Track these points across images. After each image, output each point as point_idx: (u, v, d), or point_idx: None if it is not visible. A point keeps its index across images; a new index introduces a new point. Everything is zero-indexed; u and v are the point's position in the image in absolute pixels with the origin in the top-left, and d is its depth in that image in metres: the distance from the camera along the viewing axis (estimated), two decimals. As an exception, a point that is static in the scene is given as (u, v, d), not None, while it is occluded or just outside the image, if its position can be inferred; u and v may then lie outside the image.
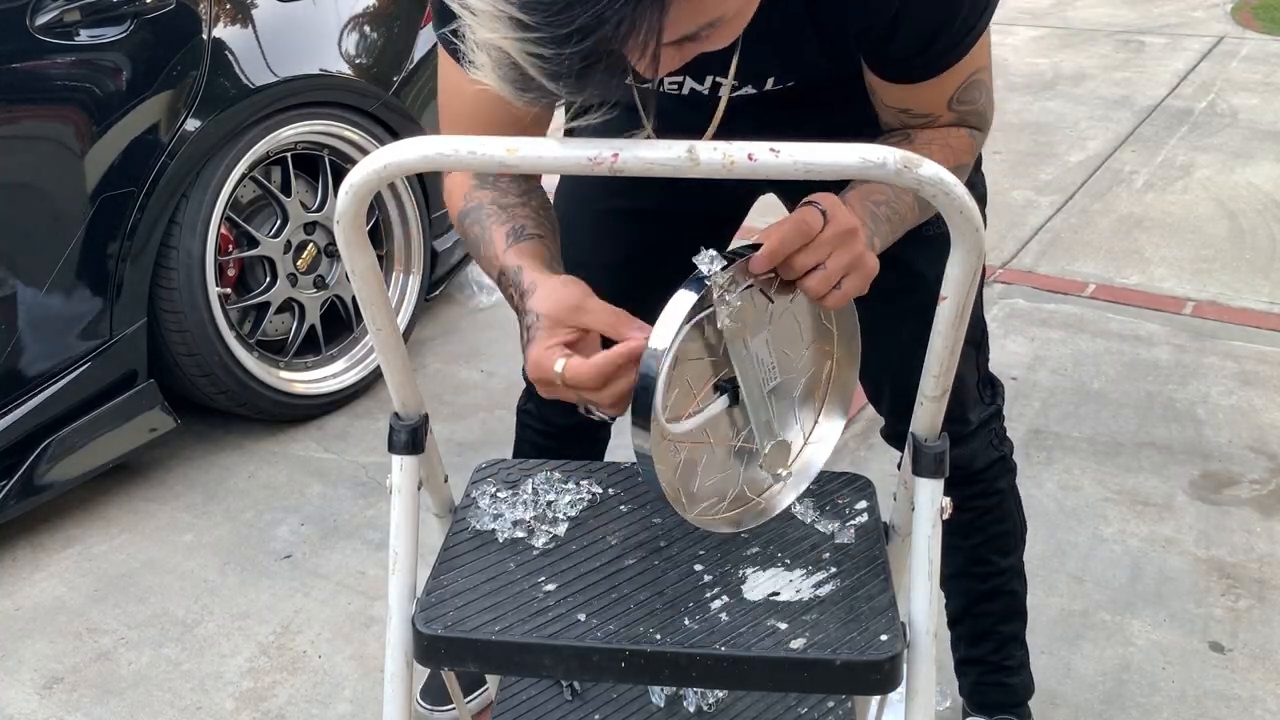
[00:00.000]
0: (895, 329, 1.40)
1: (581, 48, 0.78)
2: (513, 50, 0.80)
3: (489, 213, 1.17)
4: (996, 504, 1.60)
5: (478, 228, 1.17)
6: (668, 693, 1.41)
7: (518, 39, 0.78)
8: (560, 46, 0.78)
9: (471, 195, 1.19)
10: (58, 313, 2.33)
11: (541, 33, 0.77)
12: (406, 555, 1.16)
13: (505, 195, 1.19)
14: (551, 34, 0.77)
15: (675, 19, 0.83)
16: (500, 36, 0.79)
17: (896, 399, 1.47)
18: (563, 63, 0.79)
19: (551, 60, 0.79)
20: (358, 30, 2.82)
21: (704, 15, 0.86)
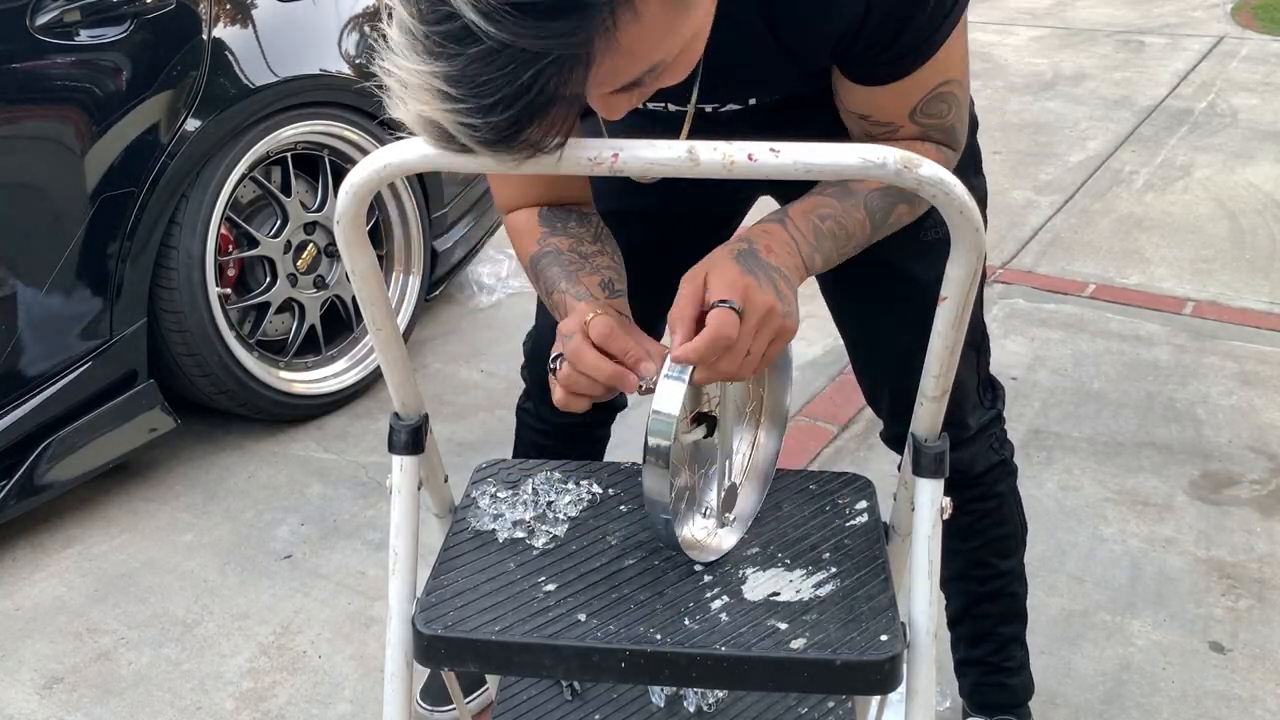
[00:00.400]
0: (894, 334, 1.40)
1: (508, 115, 0.80)
2: (444, 121, 0.82)
3: (570, 260, 1.18)
4: (996, 507, 1.60)
5: (557, 270, 1.18)
6: (668, 693, 1.41)
7: (446, 110, 0.80)
8: (487, 115, 0.80)
9: (547, 240, 1.21)
10: (58, 313, 2.33)
11: (468, 104, 0.79)
12: (406, 555, 1.16)
13: (582, 243, 1.21)
14: (478, 104, 0.79)
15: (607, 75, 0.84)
16: (430, 109, 0.81)
17: (895, 402, 1.47)
18: (491, 130, 0.81)
19: (480, 129, 0.81)
20: (358, 30, 2.82)
21: (640, 64, 0.86)
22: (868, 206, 1.12)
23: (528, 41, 0.77)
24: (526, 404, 1.72)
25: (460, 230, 3.13)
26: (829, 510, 1.25)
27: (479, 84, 0.78)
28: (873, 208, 1.12)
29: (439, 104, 0.80)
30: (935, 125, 1.16)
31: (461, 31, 0.77)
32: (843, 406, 2.78)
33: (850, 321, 1.49)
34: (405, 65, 0.80)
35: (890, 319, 1.41)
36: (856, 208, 1.11)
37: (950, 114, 1.16)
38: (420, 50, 0.79)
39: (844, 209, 1.11)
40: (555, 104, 0.81)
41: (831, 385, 2.89)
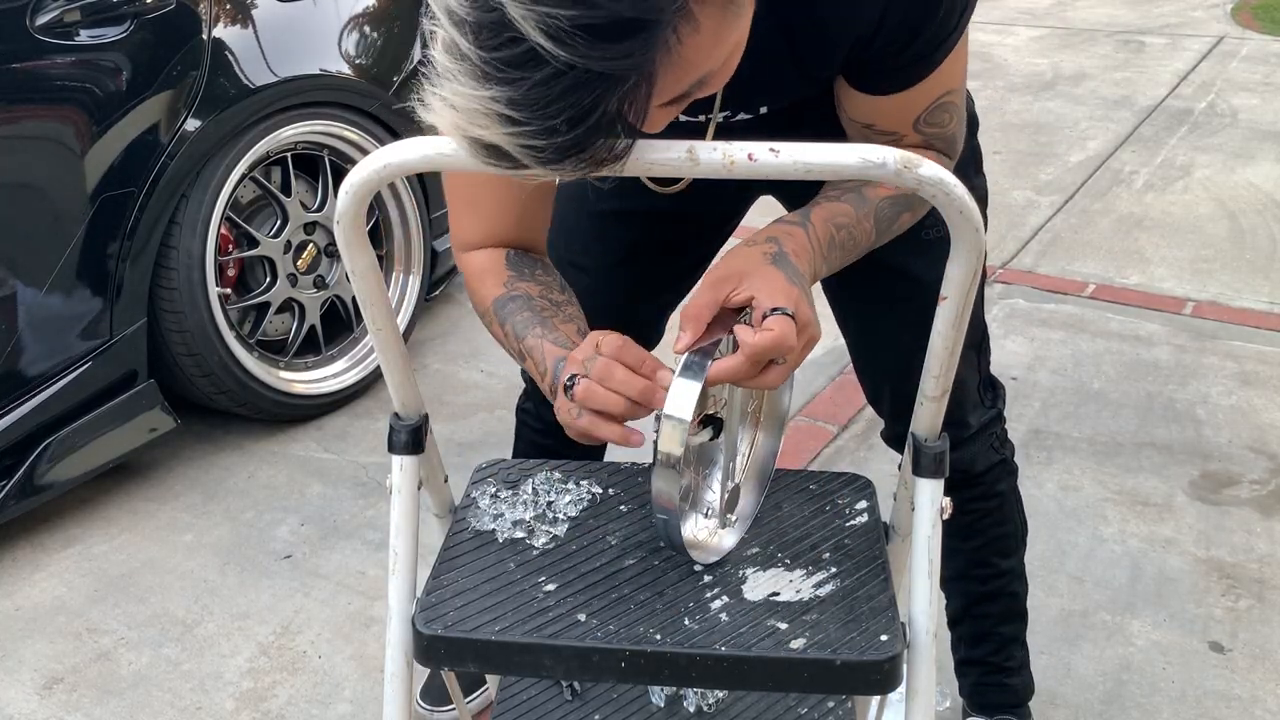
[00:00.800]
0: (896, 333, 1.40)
1: (572, 135, 0.79)
2: (505, 144, 0.81)
3: (542, 306, 1.17)
4: (997, 506, 1.60)
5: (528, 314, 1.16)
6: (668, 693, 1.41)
7: (508, 134, 0.79)
8: (550, 137, 0.79)
9: (515, 285, 1.19)
10: (58, 313, 2.33)
11: (532, 126, 0.78)
12: (406, 555, 1.16)
13: (551, 290, 1.20)
14: (542, 126, 0.78)
15: (664, 87, 0.83)
16: (491, 133, 0.80)
17: (897, 402, 1.47)
18: (555, 151, 0.80)
19: (545, 150, 0.80)
20: (358, 30, 2.82)
21: (693, 74, 0.86)
22: (877, 215, 1.13)
23: (595, 63, 0.76)
24: (527, 404, 1.72)
25: (460, 230, 3.13)
26: (829, 510, 1.25)
27: (542, 106, 0.77)
28: (881, 216, 1.13)
29: (500, 128, 0.79)
30: (937, 134, 1.17)
31: (525, 55, 0.76)
32: (843, 406, 2.78)
33: (852, 321, 1.49)
34: (462, 91, 0.79)
35: (892, 318, 1.41)
36: (867, 216, 1.12)
37: (951, 123, 1.17)
38: (479, 76, 0.78)
39: (858, 217, 1.11)
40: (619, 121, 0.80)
41: (831, 385, 2.89)
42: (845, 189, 1.13)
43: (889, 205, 1.14)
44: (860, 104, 1.15)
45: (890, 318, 1.41)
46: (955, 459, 1.49)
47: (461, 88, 0.79)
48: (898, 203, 1.14)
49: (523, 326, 1.15)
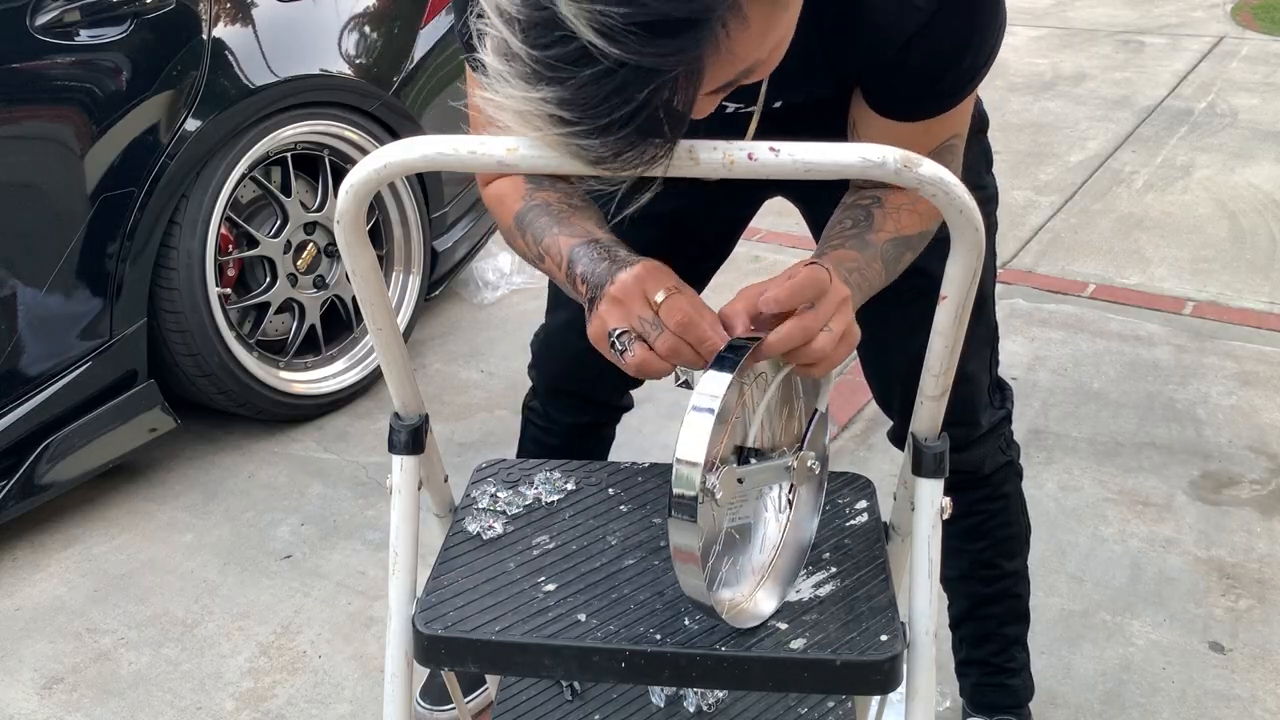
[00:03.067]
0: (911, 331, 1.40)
1: (624, 133, 0.79)
2: (556, 144, 0.81)
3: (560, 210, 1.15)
4: (1003, 508, 1.61)
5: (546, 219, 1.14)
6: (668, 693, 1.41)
7: (560, 134, 0.80)
8: (603, 135, 0.79)
9: (534, 195, 1.18)
10: (58, 313, 2.33)
11: (583, 126, 0.79)
12: (406, 555, 1.16)
13: (571, 197, 1.19)
14: (593, 125, 0.79)
15: (712, 78, 0.84)
16: (543, 134, 0.81)
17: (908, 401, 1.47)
18: (607, 148, 0.80)
19: (597, 149, 0.80)
20: (358, 30, 2.82)
21: (740, 65, 0.86)
22: (883, 257, 1.13)
23: (646, 59, 0.76)
24: (533, 403, 1.72)
25: (460, 230, 3.13)
26: (829, 510, 1.25)
27: (593, 105, 0.78)
28: (887, 257, 1.14)
29: (552, 129, 0.80)
30: None
31: (577, 53, 0.76)
32: (843, 406, 2.78)
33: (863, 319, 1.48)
34: (514, 94, 0.79)
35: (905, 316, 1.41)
36: (875, 259, 1.12)
37: (953, 165, 1.18)
38: (529, 76, 0.78)
39: (865, 260, 1.11)
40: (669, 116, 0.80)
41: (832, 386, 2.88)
42: (846, 236, 1.14)
43: (891, 246, 1.14)
44: (875, 132, 1.16)
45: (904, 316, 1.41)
46: (965, 459, 1.50)
47: (513, 90, 0.79)
48: (899, 243, 1.15)
49: (540, 230, 1.14)
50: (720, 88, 0.89)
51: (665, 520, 0.97)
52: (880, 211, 1.15)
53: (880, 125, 1.15)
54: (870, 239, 1.13)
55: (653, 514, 1.24)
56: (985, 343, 1.50)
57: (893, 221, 1.15)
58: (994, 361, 1.53)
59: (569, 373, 1.62)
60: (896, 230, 1.15)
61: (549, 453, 1.68)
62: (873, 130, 1.16)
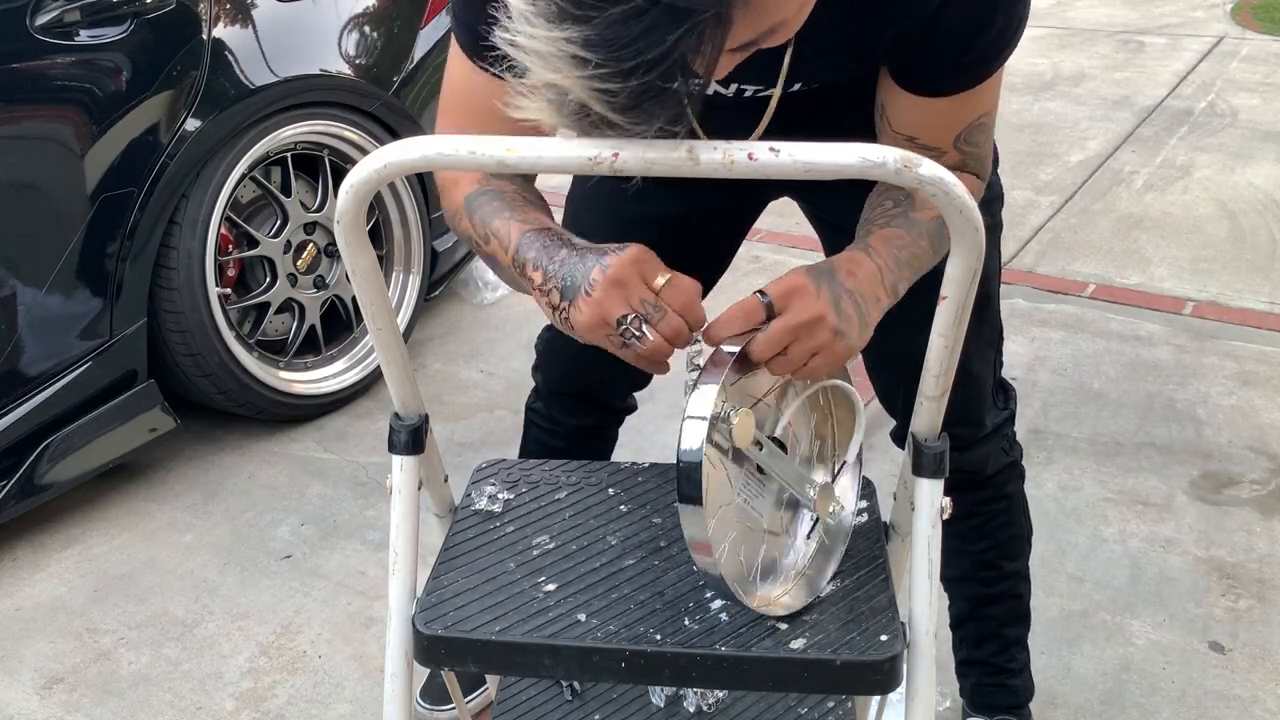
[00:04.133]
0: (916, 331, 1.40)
1: (648, 79, 0.77)
2: (576, 88, 0.78)
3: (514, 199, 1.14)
4: (1005, 509, 1.61)
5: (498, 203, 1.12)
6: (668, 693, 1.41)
7: (581, 77, 0.77)
8: (626, 80, 0.77)
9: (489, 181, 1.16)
10: (58, 313, 2.33)
11: (607, 68, 0.76)
12: (406, 555, 1.16)
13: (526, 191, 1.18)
14: (617, 68, 0.76)
15: (738, 31, 0.82)
16: (563, 76, 0.78)
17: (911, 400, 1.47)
18: (630, 95, 0.78)
19: (619, 94, 0.78)
20: (358, 30, 2.82)
21: (766, 21, 0.85)
22: (930, 235, 1.13)
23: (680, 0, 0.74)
24: (536, 405, 1.71)
25: (460, 230, 3.13)
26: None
27: (620, 46, 0.75)
28: (933, 234, 1.13)
29: (573, 71, 0.77)
30: (972, 154, 1.18)
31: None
32: (843, 406, 2.78)
33: None
34: (536, 33, 0.77)
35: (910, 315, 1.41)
36: (921, 236, 1.12)
37: (985, 144, 1.19)
38: (554, 15, 0.76)
39: (913, 238, 1.11)
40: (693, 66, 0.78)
41: (831, 385, 2.89)
42: (890, 216, 1.13)
43: (936, 224, 1.13)
44: (906, 112, 1.15)
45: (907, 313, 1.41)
46: (968, 460, 1.50)
47: (534, 29, 0.77)
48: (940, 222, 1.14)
49: (489, 214, 1.11)
50: (742, 46, 0.87)
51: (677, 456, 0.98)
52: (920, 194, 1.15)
53: (910, 103, 1.14)
54: (915, 217, 1.13)
55: (653, 514, 1.24)
56: (990, 344, 1.50)
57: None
58: (998, 362, 1.54)
59: (572, 375, 1.62)
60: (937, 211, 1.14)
61: (552, 454, 1.68)
62: (903, 109, 1.15)
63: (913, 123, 1.16)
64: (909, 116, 1.16)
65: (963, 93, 1.13)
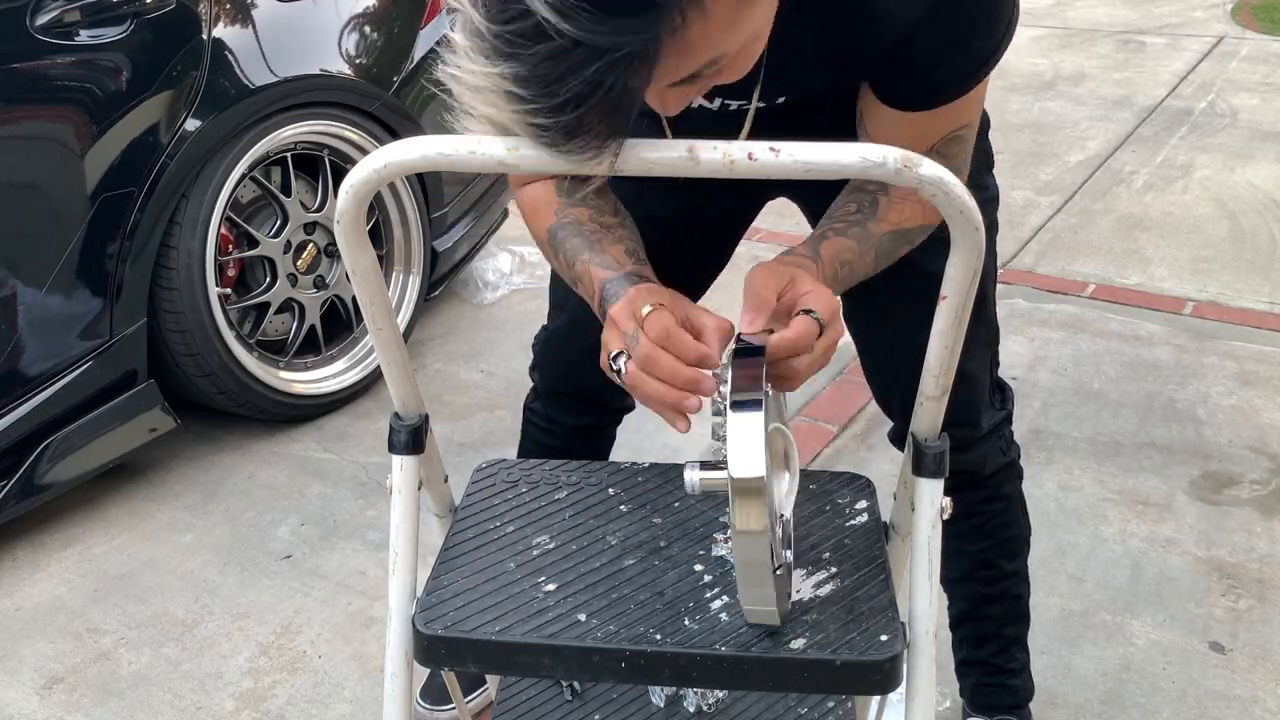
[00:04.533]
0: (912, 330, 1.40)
1: (577, 114, 0.80)
2: (511, 123, 0.83)
3: (591, 230, 1.19)
4: (1004, 509, 1.61)
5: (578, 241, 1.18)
6: (668, 693, 1.41)
7: (515, 111, 0.81)
8: (556, 115, 0.81)
9: (565, 212, 1.21)
10: (58, 313, 2.33)
11: (537, 104, 0.80)
12: (406, 555, 1.16)
13: (602, 214, 1.21)
14: (548, 104, 0.80)
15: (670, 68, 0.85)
16: (500, 112, 0.82)
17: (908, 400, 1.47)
18: (560, 130, 0.82)
19: (550, 129, 0.82)
20: (358, 30, 2.82)
21: (701, 57, 0.87)
22: (878, 249, 1.15)
23: (600, 38, 0.77)
24: (534, 404, 1.71)
25: (460, 230, 3.13)
26: (829, 510, 1.25)
27: (549, 82, 0.79)
28: (881, 250, 1.16)
29: (508, 106, 0.81)
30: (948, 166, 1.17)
31: (533, 30, 0.78)
32: (843, 406, 2.78)
33: (864, 319, 1.49)
34: (474, 69, 0.81)
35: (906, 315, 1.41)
36: (869, 250, 1.14)
37: (961, 156, 1.18)
38: (489, 52, 0.80)
39: (860, 252, 1.14)
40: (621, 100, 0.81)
41: (832, 385, 2.89)
42: (850, 223, 1.15)
43: (890, 240, 1.16)
44: (883, 123, 1.16)
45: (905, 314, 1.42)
46: (965, 460, 1.50)
47: (474, 65, 0.81)
48: (898, 236, 1.16)
49: (573, 253, 1.18)
50: (685, 80, 0.89)
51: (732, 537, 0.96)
52: (886, 201, 1.16)
53: (888, 116, 1.15)
54: (871, 229, 1.15)
55: (653, 514, 1.24)
56: (986, 344, 1.50)
57: (896, 212, 1.16)
58: (994, 363, 1.54)
59: (570, 375, 1.62)
60: (899, 222, 1.16)
61: (550, 453, 1.68)
62: (881, 121, 1.16)
63: (888, 133, 1.16)
64: (885, 126, 1.16)
65: (940, 107, 1.13)
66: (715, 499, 1.16)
